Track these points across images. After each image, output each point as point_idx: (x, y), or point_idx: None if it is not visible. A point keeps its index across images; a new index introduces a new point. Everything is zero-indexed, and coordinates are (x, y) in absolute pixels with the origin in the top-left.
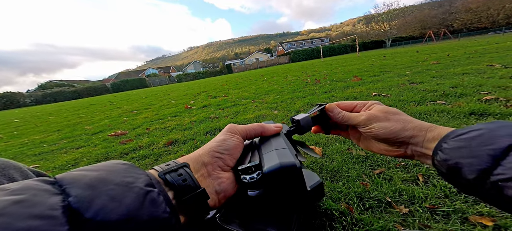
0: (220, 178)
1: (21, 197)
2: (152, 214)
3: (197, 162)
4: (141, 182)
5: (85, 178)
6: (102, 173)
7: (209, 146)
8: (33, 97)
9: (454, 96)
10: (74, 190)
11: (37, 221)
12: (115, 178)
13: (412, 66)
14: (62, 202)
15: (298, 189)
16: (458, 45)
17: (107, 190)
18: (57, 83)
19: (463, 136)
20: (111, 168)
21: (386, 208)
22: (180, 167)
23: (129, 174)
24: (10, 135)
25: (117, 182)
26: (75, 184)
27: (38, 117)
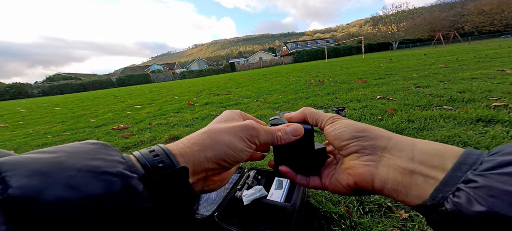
0: (213, 181)
1: None
2: (129, 204)
3: (199, 165)
4: (114, 165)
5: (35, 163)
6: (60, 155)
7: (218, 151)
8: (41, 89)
9: (462, 102)
10: (16, 178)
11: None
12: (77, 161)
13: (419, 70)
14: (1, 194)
15: (309, 147)
16: (468, 48)
17: (63, 177)
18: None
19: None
20: (75, 149)
21: (386, 213)
22: (180, 171)
23: (98, 155)
24: (16, 124)
25: (79, 167)
26: (18, 170)
27: (44, 108)
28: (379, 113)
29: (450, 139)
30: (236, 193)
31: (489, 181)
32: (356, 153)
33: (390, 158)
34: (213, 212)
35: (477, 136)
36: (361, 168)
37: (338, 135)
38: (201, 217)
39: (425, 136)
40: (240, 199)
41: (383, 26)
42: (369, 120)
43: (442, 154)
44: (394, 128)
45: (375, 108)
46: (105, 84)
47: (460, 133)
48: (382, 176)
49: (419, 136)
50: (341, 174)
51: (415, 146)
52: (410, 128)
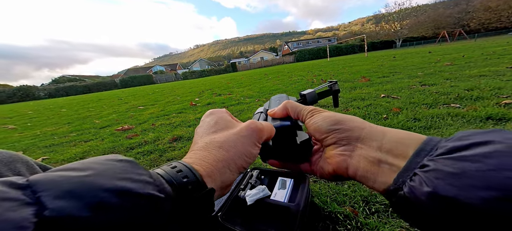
0: (228, 178)
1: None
2: (153, 223)
3: (224, 181)
4: (141, 185)
5: (67, 182)
6: (89, 174)
7: (239, 161)
8: (47, 91)
9: (470, 100)
10: (51, 200)
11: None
12: (106, 181)
13: (424, 68)
14: (34, 217)
15: (291, 141)
16: (475, 46)
17: (95, 199)
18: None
19: (466, 152)
20: (103, 167)
21: (393, 213)
22: (209, 193)
23: (127, 175)
24: (24, 126)
25: (108, 188)
26: (52, 190)
27: (50, 109)
28: (384, 112)
29: None
30: (239, 193)
31: (437, 165)
32: (334, 144)
33: (362, 148)
34: (217, 212)
35: None
36: (337, 157)
37: (317, 128)
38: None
39: (433, 134)
40: (243, 199)
41: (385, 24)
42: (374, 119)
43: (407, 142)
44: (400, 127)
45: (380, 107)
46: (109, 86)
47: None
48: (354, 164)
49: (426, 134)
50: (324, 162)
51: (385, 135)
52: (416, 127)
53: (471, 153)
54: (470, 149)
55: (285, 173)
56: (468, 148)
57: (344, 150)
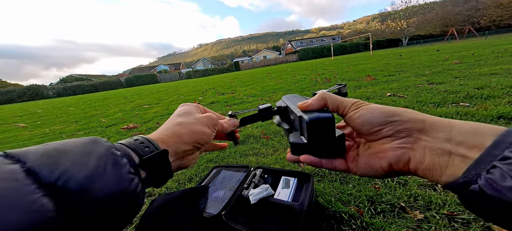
0: (188, 159)
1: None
2: (116, 173)
3: (178, 149)
4: (103, 148)
5: (41, 149)
6: (58, 146)
7: (192, 136)
8: (55, 90)
9: (480, 98)
10: (30, 158)
11: (2, 183)
12: (74, 148)
13: (432, 66)
14: (21, 168)
15: (330, 135)
16: (485, 43)
17: (67, 157)
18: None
19: None
20: (70, 142)
21: (400, 213)
22: (160, 153)
23: (89, 143)
24: (34, 124)
25: (77, 151)
26: (29, 154)
27: (59, 108)
28: None
29: None
30: (243, 192)
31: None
32: (390, 137)
33: (427, 140)
34: (221, 211)
35: None
36: (396, 151)
37: (368, 121)
38: (208, 216)
39: None
40: (247, 198)
41: (391, 22)
42: None
43: (482, 132)
44: None
45: None
46: (114, 85)
47: None
48: (418, 157)
49: None
50: (371, 158)
51: (452, 127)
52: None
53: None
54: None
55: (288, 172)
56: None
57: (404, 142)
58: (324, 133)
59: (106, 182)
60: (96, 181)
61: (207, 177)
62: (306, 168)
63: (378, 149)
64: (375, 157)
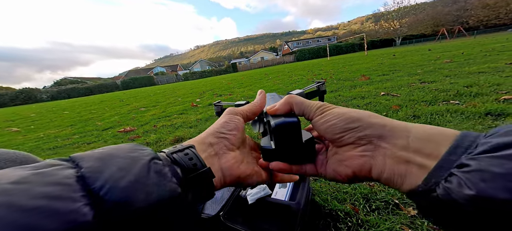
0: (226, 157)
1: (40, 170)
2: (158, 182)
3: (203, 143)
4: (146, 156)
5: (95, 154)
6: (108, 150)
7: (213, 128)
8: (49, 93)
9: (469, 96)
10: (86, 163)
11: (53, 187)
12: (121, 153)
13: (424, 65)
14: (76, 173)
15: (296, 140)
16: (474, 43)
17: (114, 162)
18: (71, 80)
19: None
20: (117, 147)
21: (394, 210)
22: (186, 148)
23: (135, 150)
24: (27, 128)
25: (123, 156)
26: (85, 158)
27: (53, 112)
28: (384, 110)
29: None
30: (241, 192)
31: (482, 165)
32: (352, 144)
33: (385, 147)
34: (219, 211)
35: (486, 129)
36: (358, 159)
37: (330, 127)
38: (207, 217)
39: None
40: (244, 198)
41: (385, 23)
42: None
43: (437, 139)
44: None
45: (380, 105)
46: (110, 88)
47: (468, 127)
48: (379, 165)
49: None
50: (338, 165)
51: (409, 133)
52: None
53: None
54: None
55: None
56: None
57: (365, 150)
58: (291, 137)
59: (147, 191)
60: (138, 189)
61: None
62: None
63: (343, 156)
64: (341, 164)
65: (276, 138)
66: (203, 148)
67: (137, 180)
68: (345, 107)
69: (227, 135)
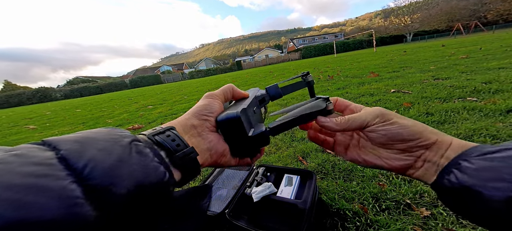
0: (209, 137)
1: (17, 152)
2: (140, 162)
3: (185, 125)
4: (125, 137)
5: (71, 137)
6: (86, 133)
7: (194, 110)
8: (63, 92)
9: (488, 93)
10: (64, 145)
11: (36, 167)
12: (99, 136)
13: (437, 61)
14: (56, 155)
15: (241, 134)
16: (493, 38)
17: (94, 144)
18: (83, 79)
19: (496, 155)
20: (94, 131)
21: (405, 210)
22: (167, 129)
23: (114, 133)
24: (43, 126)
25: (103, 139)
26: (61, 141)
27: (66, 110)
28: (394, 107)
29: (475, 132)
30: (246, 190)
31: (466, 164)
32: (402, 151)
33: (428, 155)
34: (224, 209)
35: (508, 128)
36: (399, 161)
37: (391, 137)
38: (212, 214)
39: (447, 129)
40: (249, 196)
41: (395, 19)
42: None
43: (458, 148)
44: None
45: (390, 102)
46: (119, 86)
47: (488, 126)
48: (416, 167)
49: (440, 129)
50: (368, 155)
51: (451, 145)
52: (429, 121)
53: (499, 155)
54: (500, 152)
55: (291, 169)
56: (499, 151)
57: (410, 156)
58: (233, 132)
59: (131, 171)
60: (121, 169)
61: (210, 176)
62: (309, 165)
63: (380, 153)
64: (374, 156)
65: (223, 133)
66: (186, 129)
67: (120, 160)
68: (403, 117)
69: (209, 116)
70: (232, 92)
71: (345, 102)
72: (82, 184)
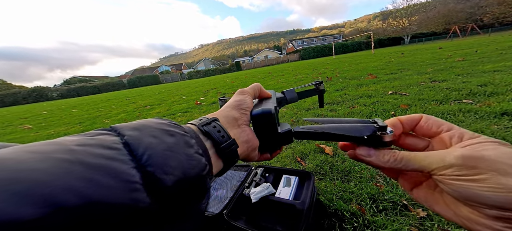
0: (247, 130)
1: (93, 137)
2: (186, 152)
3: (227, 116)
4: (175, 128)
5: (131, 124)
6: (140, 122)
7: (233, 104)
8: (59, 92)
9: (483, 95)
10: (126, 131)
11: (107, 150)
12: (152, 124)
13: (434, 64)
14: (121, 140)
15: (272, 129)
16: (489, 41)
17: (149, 131)
18: (80, 79)
19: None
20: (149, 119)
21: (402, 211)
22: (212, 120)
23: (164, 122)
24: (39, 126)
25: (155, 127)
26: (124, 128)
27: (63, 110)
28: (392, 109)
29: None
30: (244, 190)
31: None
32: (493, 218)
33: None
34: (222, 209)
35: (502, 130)
36: (478, 225)
37: (475, 199)
38: (210, 215)
39: None
40: (248, 197)
41: (393, 21)
42: (381, 116)
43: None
44: None
45: (387, 104)
46: (117, 86)
47: (483, 128)
48: None
49: None
50: (442, 205)
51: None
52: None
53: None
54: None
55: (289, 170)
56: None
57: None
58: (265, 127)
59: (180, 161)
60: (172, 159)
61: None
62: (307, 166)
63: (460, 212)
64: (449, 211)
65: (255, 126)
66: (228, 120)
67: (170, 150)
68: (508, 167)
69: (246, 111)
70: (259, 91)
71: (437, 122)
72: (141, 170)
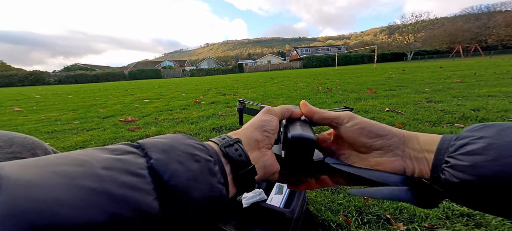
0: (267, 154)
1: (120, 157)
2: (209, 182)
3: (249, 137)
4: (200, 151)
5: (159, 144)
6: (169, 141)
7: (256, 124)
8: (57, 77)
9: (475, 120)
10: (154, 154)
11: (131, 177)
12: (180, 146)
13: (433, 83)
14: (146, 163)
15: (307, 157)
16: (489, 63)
17: (176, 156)
18: (81, 66)
19: (471, 147)
20: (175, 137)
21: (384, 224)
22: (235, 142)
23: (190, 142)
24: (29, 109)
25: (182, 149)
26: (153, 148)
27: (57, 95)
28: None
29: None
30: None
31: (455, 161)
32: (380, 150)
33: (410, 151)
34: None
35: None
36: (393, 163)
37: (363, 133)
38: None
39: None
40: (239, 202)
41: (399, 36)
42: None
43: (432, 142)
44: None
45: (383, 121)
46: (117, 77)
47: None
48: (410, 166)
49: None
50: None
51: (418, 138)
52: None
53: (474, 148)
54: (472, 144)
55: None
56: (470, 144)
57: (395, 155)
58: (303, 153)
59: (202, 191)
60: (194, 191)
61: None
62: None
63: (375, 162)
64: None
65: (290, 149)
66: (250, 142)
67: (195, 179)
68: None
69: (270, 133)
70: (290, 114)
71: None
72: (162, 204)
